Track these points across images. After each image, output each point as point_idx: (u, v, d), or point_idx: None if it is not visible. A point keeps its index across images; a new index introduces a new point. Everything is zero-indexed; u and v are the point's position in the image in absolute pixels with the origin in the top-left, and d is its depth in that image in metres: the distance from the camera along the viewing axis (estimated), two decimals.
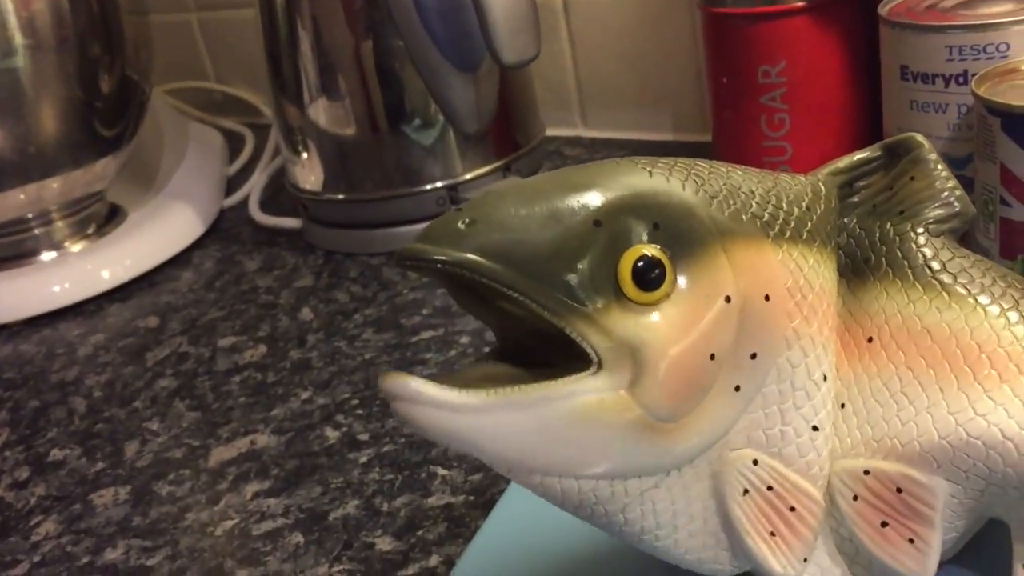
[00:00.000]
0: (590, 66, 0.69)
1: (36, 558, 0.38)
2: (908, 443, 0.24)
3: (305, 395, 0.45)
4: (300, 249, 0.62)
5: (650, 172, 0.24)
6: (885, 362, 0.25)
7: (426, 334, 0.48)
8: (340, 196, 0.59)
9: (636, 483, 0.23)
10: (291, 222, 0.64)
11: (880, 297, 0.26)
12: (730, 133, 0.55)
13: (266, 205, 0.68)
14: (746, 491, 0.24)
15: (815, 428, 0.25)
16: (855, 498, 0.25)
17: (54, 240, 0.63)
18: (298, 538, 0.36)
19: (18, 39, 0.56)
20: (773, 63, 0.51)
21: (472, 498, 0.36)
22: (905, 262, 0.26)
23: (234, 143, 0.83)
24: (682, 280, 0.23)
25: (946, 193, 0.26)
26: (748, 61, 0.52)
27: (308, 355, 0.49)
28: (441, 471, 0.38)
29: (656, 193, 0.23)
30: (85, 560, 0.37)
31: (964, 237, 0.27)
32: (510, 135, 0.60)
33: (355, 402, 0.44)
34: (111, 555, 0.37)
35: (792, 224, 0.25)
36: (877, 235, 0.26)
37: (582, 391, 0.22)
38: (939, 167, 0.26)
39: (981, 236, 0.37)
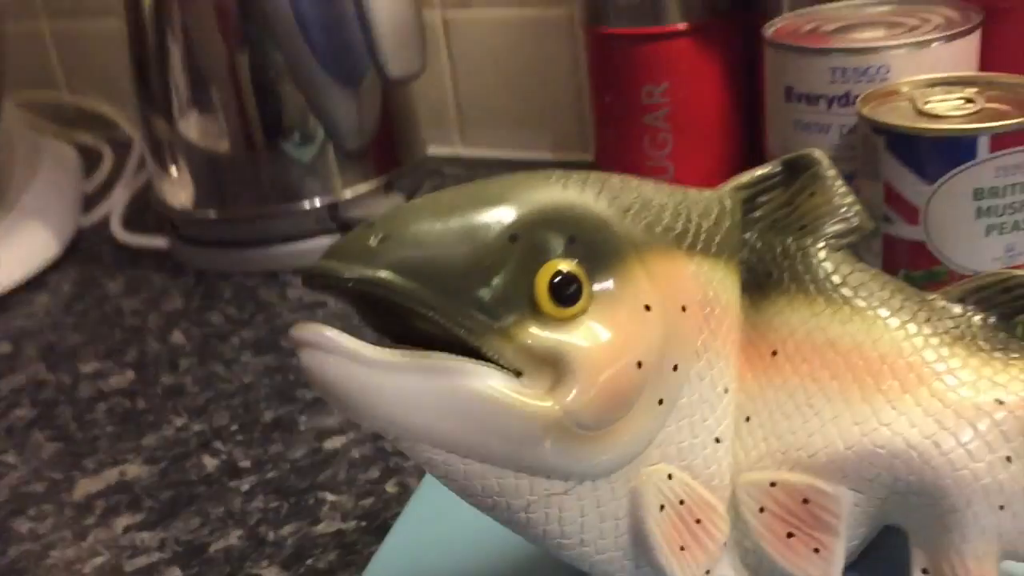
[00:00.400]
0: (470, 85, 0.69)
1: None
2: (814, 454, 0.25)
3: (179, 422, 0.42)
4: (168, 270, 0.59)
5: (564, 185, 0.24)
6: (790, 374, 0.25)
7: None
8: (213, 214, 0.57)
9: (543, 483, 0.23)
10: (157, 241, 0.61)
11: (784, 311, 0.26)
12: (613, 152, 0.56)
13: (129, 224, 0.64)
14: (662, 506, 0.24)
15: (718, 440, 0.25)
16: (761, 510, 0.25)
17: None
18: (176, 572, 0.33)
19: None
20: (656, 83, 0.52)
21: (364, 523, 0.34)
22: (807, 276, 0.26)
23: (90, 160, 0.78)
24: (600, 292, 0.22)
25: (844, 208, 0.27)
26: (632, 81, 0.52)
27: (181, 380, 0.46)
28: (330, 496, 0.36)
29: (571, 206, 0.23)
30: None
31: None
32: (391, 152, 0.59)
33: (234, 427, 0.41)
34: None
35: (702, 237, 0.25)
36: (779, 250, 0.26)
37: (502, 379, 0.21)
38: (838, 182, 0.27)
39: (864, 252, 0.38)
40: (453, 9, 0.67)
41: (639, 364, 0.22)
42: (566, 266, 0.22)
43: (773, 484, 0.25)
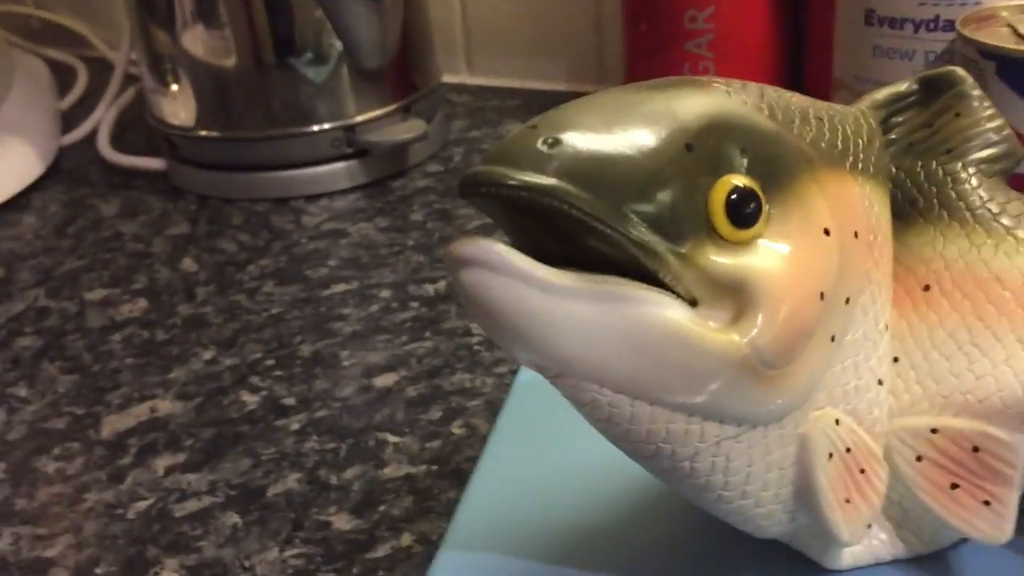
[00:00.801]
0: (479, 9, 0.65)
1: None
2: (986, 398, 0.23)
3: (208, 355, 0.39)
4: (166, 193, 0.55)
5: (727, 92, 0.21)
6: (948, 311, 0.23)
7: (339, 287, 0.43)
8: (216, 133, 0.53)
9: (715, 428, 0.20)
10: (152, 162, 0.57)
11: (936, 242, 0.23)
12: None
13: (117, 144, 0.60)
14: (831, 454, 0.22)
15: (880, 382, 0.23)
16: (919, 459, 0.23)
17: None
18: (233, 519, 0.31)
19: None
20: (701, 7, 0.49)
21: (435, 468, 0.32)
22: (962, 204, 0.24)
23: (62, 76, 0.73)
24: (776, 212, 0.20)
25: (993, 131, 0.24)
26: (673, 5, 0.50)
27: (201, 311, 0.43)
28: (391, 438, 0.34)
29: (741, 116, 0.20)
30: None
31: None
32: (408, 75, 0.55)
33: (270, 362, 0.38)
34: None
35: (861, 156, 0.23)
36: (922, 175, 0.24)
37: (683, 310, 0.19)
38: (985, 103, 0.24)
39: None
40: None
41: (821, 295, 0.20)
42: (742, 181, 0.19)
43: (934, 431, 0.23)
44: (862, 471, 0.22)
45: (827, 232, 0.20)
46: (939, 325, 0.23)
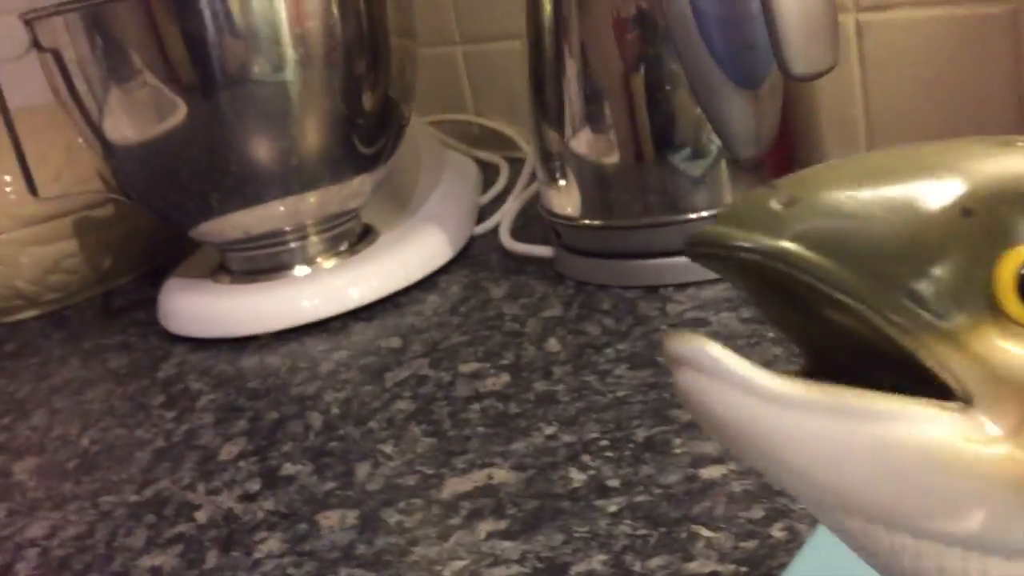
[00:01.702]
0: (882, 95, 0.62)
1: None
2: None
3: (549, 431, 0.41)
4: (549, 279, 0.58)
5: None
6: None
7: None
8: (598, 222, 0.55)
9: (1001, 566, 0.16)
10: (542, 250, 0.60)
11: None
12: None
13: (517, 234, 0.65)
14: None
15: None
16: None
17: (308, 255, 0.63)
18: None
19: (290, 53, 0.56)
20: None
21: (744, 569, 0.30)
22: None
23: (488, 174, 0.81)
24: None
25: None
26: None
27: (554, 388, 0.44)
28: (705, 532, 0.32)
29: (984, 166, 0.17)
30: None
31: None
32: (787, 165, 0.54)
33: (604, 443, 0.39)
34: None
35: None
36: None
37: (943, 423, 0.16)
38: None
39: None
40: (868, 12, 0.60)
41: None
42: None
43: None
44: None
45: None
46: None
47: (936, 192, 0.17)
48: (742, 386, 0.16)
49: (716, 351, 0.16)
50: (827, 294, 0.16)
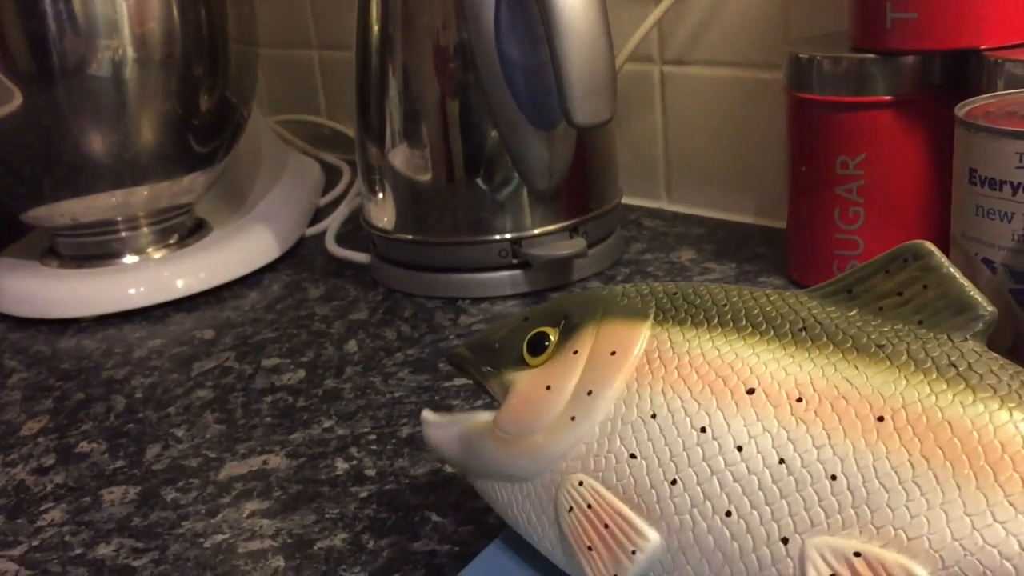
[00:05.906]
0: (679, 137, 0.69)
1: (35, 542, 0.39)
2: (916, 537, 0.23)
3: (328, 424, 0.45)
4: (365, 284, 0.63)
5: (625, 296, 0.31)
6: (897, 447, 0.24)
7: (459, 381, 0.48)
8: (409, 236, 0.60)
9: (506, 487, 0.30)
10: (361, 257, 0.65)
11: (899, 383, 0.25)
12: (803, 222, 0.54)
13: (342, 238, 0.69)
14: (571, 508, 0.28)
15: (632, 456, 0.27)
16: None
17: (138, 245, 0.66)
18: (279, 562, 0.36)
19: (129, 52, 0.59)
20: (852, 155, 0.50)
21: (457, 549, 0.35)
22: (929, 360, 0.25)
23: (332, 177, 0.85)
24: (561, 346, 0.30)
25: (965, 300, 0.26)
26: (827, 150, 0.51)
27: (342, 386, 0.49)
28: (435, 517, 0.37)
29: (573, 299, 0.32)
30: (77, 552, 0.38)
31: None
32: (581, 197, 0.60)
33: (372, 437, 0.44)
34: (103, 551, 0.38)
35: (682, 314, 0.29)
36: (891, 330, 0.26)
37: (484, 420, 0.31)
38: (953, 272, 0.26)
39: None
40: (671, 65, 0.67)
41: (548, 387, 0.29)
42: (546, 330, 0.31)
43: (857, 554, 0.24)
44: (606, 526, 0.27)
45: (575, 352, 0.29)
46: (885, 457, 0.24)
47: (518, 315, 0.33)
48: (425, 423, 0.34)
49: (425, 412, 0.34)
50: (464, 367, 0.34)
